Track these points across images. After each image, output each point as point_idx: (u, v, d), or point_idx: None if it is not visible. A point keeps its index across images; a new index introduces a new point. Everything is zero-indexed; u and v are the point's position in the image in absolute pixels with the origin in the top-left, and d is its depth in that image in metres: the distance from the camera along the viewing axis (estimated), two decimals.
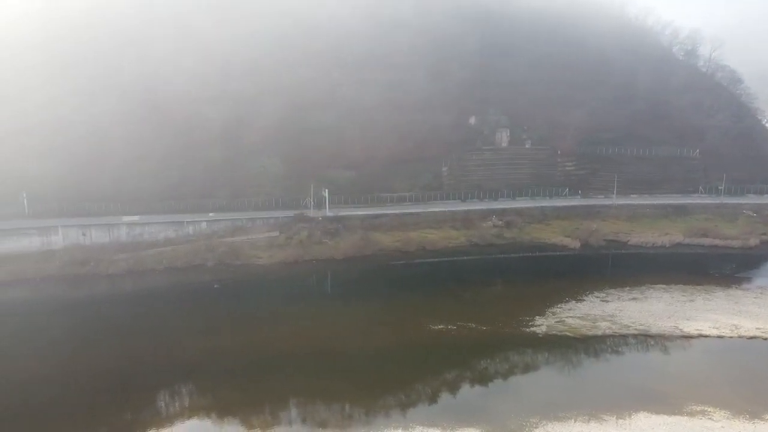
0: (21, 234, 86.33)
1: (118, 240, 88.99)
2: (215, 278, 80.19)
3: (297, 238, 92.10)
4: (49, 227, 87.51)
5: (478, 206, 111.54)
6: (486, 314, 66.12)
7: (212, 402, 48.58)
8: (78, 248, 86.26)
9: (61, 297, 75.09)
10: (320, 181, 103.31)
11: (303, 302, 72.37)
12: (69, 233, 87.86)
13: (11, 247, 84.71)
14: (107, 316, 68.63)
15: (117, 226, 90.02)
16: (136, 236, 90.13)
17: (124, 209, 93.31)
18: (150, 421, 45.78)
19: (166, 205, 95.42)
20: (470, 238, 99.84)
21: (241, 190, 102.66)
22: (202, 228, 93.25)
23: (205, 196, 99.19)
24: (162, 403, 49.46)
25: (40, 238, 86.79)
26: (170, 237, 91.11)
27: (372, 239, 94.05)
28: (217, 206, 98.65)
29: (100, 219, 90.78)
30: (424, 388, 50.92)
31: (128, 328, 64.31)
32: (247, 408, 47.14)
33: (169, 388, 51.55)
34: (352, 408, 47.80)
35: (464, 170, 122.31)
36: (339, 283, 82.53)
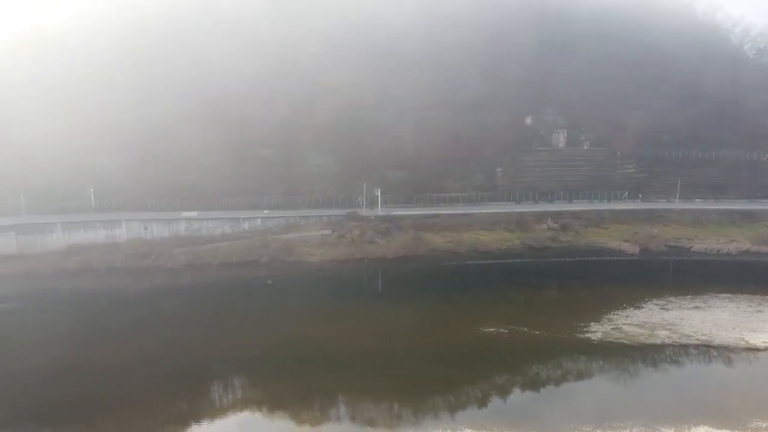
0: (88, 227, 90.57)
1: (177, 234, 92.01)
2: (269, 274, 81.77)
3: (349, 236, 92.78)
4: (113, 221, 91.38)
5: (533, 208, 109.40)
6: (539, 318, 64.77)
7: (263, 395, 49.55)
8: (140, 242, 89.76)
9: (124, 288, 78.43)
10: (373, 180, 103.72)
11: (354, 300, 72.88)
12: (132, 227, 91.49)
13: (80, 239, 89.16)
14: (166, 307, 71.09)
15: (176, 221, 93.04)
16: (194, 231, 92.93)
17: (183, 205, 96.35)
18: (204, 411, 47.16)
19: (223, 202, 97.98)
20: (524, 240, 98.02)
21: (295, 188, 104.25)
22: (256, 225, 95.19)
23: (260, 193, 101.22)
24: (216, 395, 50.85)
25: (106, 231, 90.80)
26: (226, 233, 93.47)
27: (423, 239, 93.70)
28: (271, 204, 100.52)
29: (160, 214, 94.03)
30: (474, 391, 50.34)
31: (185, 320, 66.54)
32: (297, 403, 47.82)
33: (223, 380, 52.96)
34: (401, 408, 47.76)
35: (519, 171, 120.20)
36: (390, 283, 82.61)
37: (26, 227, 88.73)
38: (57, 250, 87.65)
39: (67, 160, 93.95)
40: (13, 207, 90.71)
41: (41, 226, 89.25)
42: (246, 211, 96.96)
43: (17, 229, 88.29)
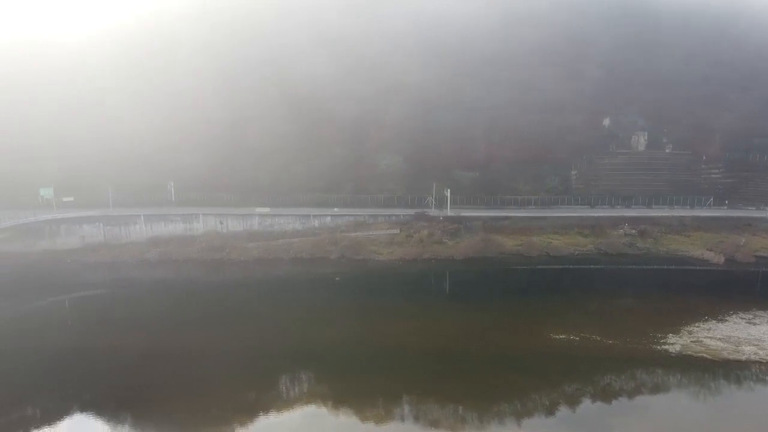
0: (168, 220, 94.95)
1: (250, 229, 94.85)
2: (337, 271, 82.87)
3: (417, 236, 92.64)
4: (191, 215, 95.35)
5: (609, 213, 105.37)
6: (612, 327, 62.25)
7: (329, 391, 50.12)
8: (215, 235, 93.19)
9: (200, 279, 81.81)
10: (442, 180, 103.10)
11: (420, 300, 72.64)
12: (208, 221, 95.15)
13: (160, 231, 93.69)
14: (239, 299, 73.46)
15: (250, 217, 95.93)
16: (266, 227, 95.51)
17: (256, 201, 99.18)
18: (271, 402, 48.27)
19: (294, 199, 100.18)
20: (599, 246, 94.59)
21: (364, 187, 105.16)
22: (326, 222, 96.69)
23: (329, 191, 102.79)
24: (283, 387, 51.91)
25: (184, 225, 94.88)
26: (297, 229, 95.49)
27: (493, 241, 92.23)
28: (340, 202, 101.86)
29: (235, 209, 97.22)
30: (541, 398, 48.96)
31: (256, 313, 68.52)
32: (362, 400, 48.09)
33: (290, 373, 53.99)
34: (466, 411, 47.11)
35: (595, 174, 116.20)
36: (457, 284, 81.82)
37: (112, 219, 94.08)
38: (139, 241, 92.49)
39: (150, 157, 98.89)
40: (101, 200, 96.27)
41: (126, 218, 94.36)
42: (316, 209, 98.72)
43: (104, 220, 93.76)
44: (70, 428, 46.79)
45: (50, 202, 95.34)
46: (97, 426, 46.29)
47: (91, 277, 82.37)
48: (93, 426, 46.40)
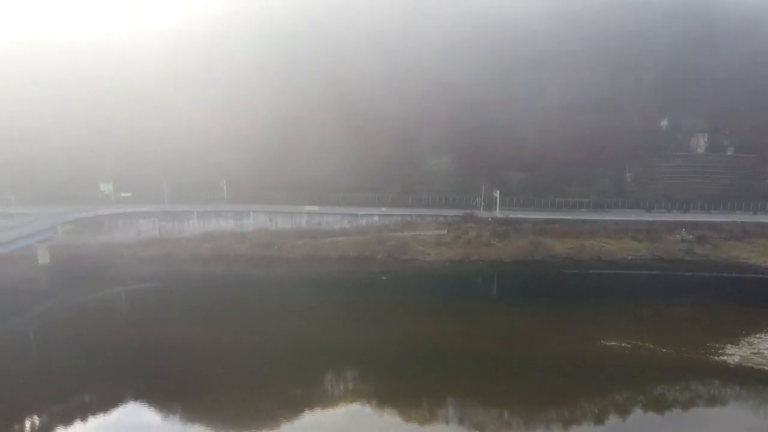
0: (220, 217, 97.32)
1: (299, 227, 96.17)
2: (383, 270, 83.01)
3: (465, 237, 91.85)
4: (242, 212, 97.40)
5: (665, 217, 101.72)
6: (666, 336, 60.06)
7: (373, 389, 50.21)
8: (265, 232, 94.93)
9: (250, 275, 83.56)
10: (491, 181, 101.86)
11: (467, 301, 71.95)
12: (258, 218, 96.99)
13: (212, 228, 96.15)
14: (287, 296, 74.62)
15: (299, 215, 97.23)
16: (314, 225, 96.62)
17: (305, 199, 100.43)
18: (316, 399, 48.75)
19: (342, 198, 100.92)
20: (653, 251, 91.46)
21: (412, 187, 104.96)
22: (374, 221, 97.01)
23: (377, 190, 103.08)
24: (328, 384, 52.36)
25: (235, 221, 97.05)
26: (345, 228, 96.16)
27: (542, 244, 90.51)
28: (388, 201, 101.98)
29: (284, 207, 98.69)
30: (590, 406, 47.71)
31: (304, 309, 69.30)
32: (406, 400, 47.95)
33: (335, 370, 54.42)
34: (512, 415, 46.38)
35: (651, 177, 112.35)
36: (505, 286, 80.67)
37: (167, 214, 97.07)
38: (192, 237, 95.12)
39: (204, 155, 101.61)
40: (157, 196, 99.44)
41: (180, 214, 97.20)
42: (364, 208, 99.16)
43: (159, 215, 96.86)
44: (124, 415, 48.48)
45: (109, 197, 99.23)
46: (149, 414, 47.81)
47: (146, 271, 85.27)
48: (145, 414, 47.94)
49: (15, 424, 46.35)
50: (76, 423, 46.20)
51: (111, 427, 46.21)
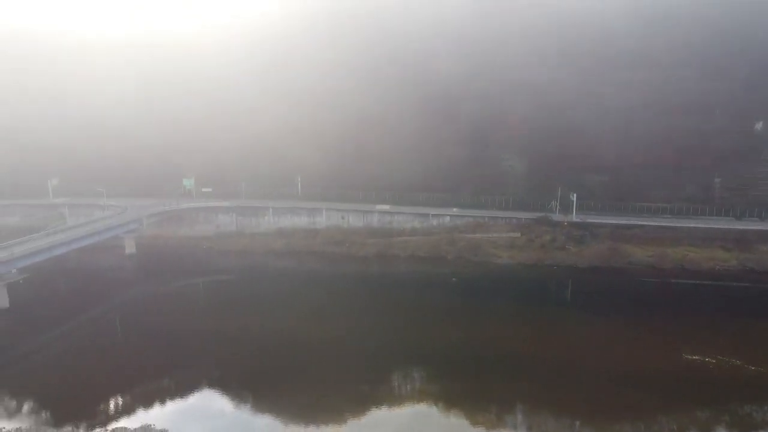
0: (294, 213, 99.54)
1: (370, 226, 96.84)
2: (454, 271, 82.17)
3: (539, 241, 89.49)
4: (315, 209, 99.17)
5: (758, 226, 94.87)
6: (756, 352, 56.04)
7: (441, 390, 49.78)
8: (337, 230, 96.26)
9: (321, 271, 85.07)
10: (568, 184, 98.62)
11: (539, 307, 70.03)
12: (331, 216, 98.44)
13: (286, 223, 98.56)
14: (357, 293, 75.28)
15: (370, 214, 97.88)
16: (385, 224, 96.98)
17: (377, 198, 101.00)
18: (383, 397, 48.85)
19: (414, 198, 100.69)
20: (744, 262, 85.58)
21: (485, 188, 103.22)
22: (445, 222, 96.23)
23: (449, 191, 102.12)
24: (395, 383, 52.39)
25: (308, 218, 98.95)
26: (416, 227, 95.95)
27: (621, 251, 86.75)
28: (459, 202, 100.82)
29: (356, 205, 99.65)
30: (669, 422, 45.22)
31: (373, 307, 69.83)
32: (474, 403, 47.24)
33: (403, 369, 54.38)
34: (583, 426, 44.71)
35: (743, 183, 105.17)
36: (580, 293, 77.82)
37: (244, 210, 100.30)
38: (267, 232, 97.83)
39: (280, 152, 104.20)
40: (235, 191, 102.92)
41: (256, 209, 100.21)
42: (435, 208, 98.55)
43: (237, 210, 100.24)
44: (200, 400, 50.42)
45: (191, 192, 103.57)
46: (223, 402, 49.44)
47: (223, 263, 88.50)
48: (219, 401, 49.63)
49: (100, 403, 49.17)
50: (156, 405, 48.44)
51: (187, 412, 48.10)
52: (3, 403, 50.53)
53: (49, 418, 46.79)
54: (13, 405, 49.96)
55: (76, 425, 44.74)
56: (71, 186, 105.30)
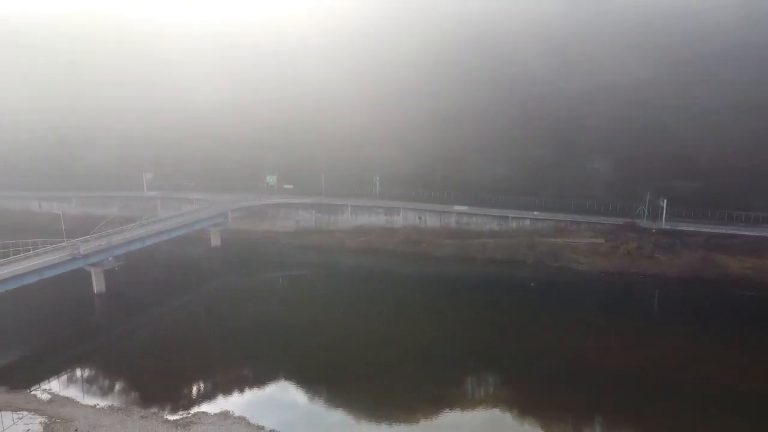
0: (372, 211, 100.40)
1: (447, 226, 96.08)
2: (532, 276, 79.99)
3: (624, 248, 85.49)
4: (392, 208, 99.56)
5: None
6: None
7: (515, 397, 48.72)
8: (414, 230, 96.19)
9: (397, 270, 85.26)
10: (658, 189, 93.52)
11: (622, 317, 66.67)
12: (408, 215, 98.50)
13: (364, 222, 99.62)
14: (432, 294, 74.75)
15: (448, 214, 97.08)
16: (463, 225, 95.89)
17: (454, 199, 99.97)
18: (455, 399, 48.40)
19: (492, 199, 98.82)
20: None
21: (567, 191, 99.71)
22: (525, 225, 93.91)
23: (529, 193, 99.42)
24: (468, 386, 51.71)
25: (386, 217, 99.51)
26: (494, 230, 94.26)
27: (715, 261, 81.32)
28: (540, 205, 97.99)
29: (433, 206, 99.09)
30: None
31: (447, 309, 69.26)
32: (549, 413, 45.75)
33: (476, 373, 53.62)
34: None
35: None
36: (667, 304, 73.60)
37: (323, 207, 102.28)
38: (345, 229, 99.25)
39: (359, 150, 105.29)
40: (315, 188, 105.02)
41: (335, 206, 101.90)
42: (514, 211, 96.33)
43: (316, 207, 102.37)
44: (276, 391, 51.88)
45: (273, 188, 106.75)
46: (298, 394, 50.58)
47: (302, 259, 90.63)
48: (294, 393, 50.82)
49: (184, 387, 51.56)
50: (234, 393, 50.22)
51: (263, 402, 49.55)
52: (98, 382, 54.15)
53: (137, 398, 49.56)
54: (106, 384, 53.40)
55: (161, 407, 47.06)
56: (164, 180, 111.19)
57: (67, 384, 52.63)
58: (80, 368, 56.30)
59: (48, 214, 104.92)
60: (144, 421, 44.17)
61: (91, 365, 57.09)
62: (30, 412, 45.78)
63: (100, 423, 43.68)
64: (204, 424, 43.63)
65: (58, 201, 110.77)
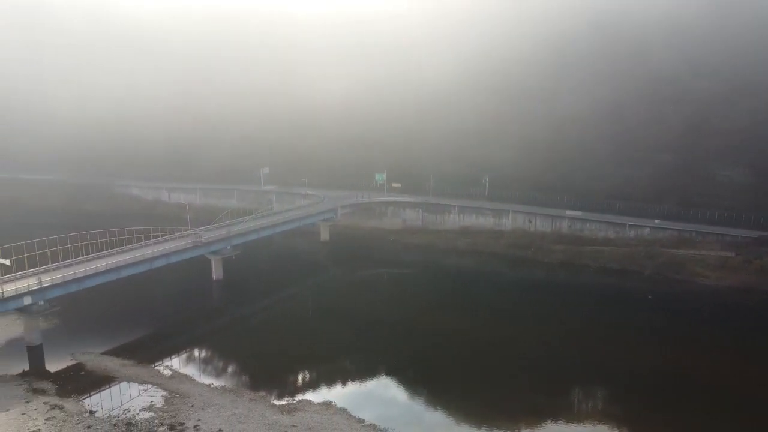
0: (479, 213, 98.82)
1: (558, 231, 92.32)
2: (650, 288, 74.74)
3: (758, 263, 77.57)
4: (501, 210, 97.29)
5: None
6: None
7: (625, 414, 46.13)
8: (522, 233, 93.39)
9: (503, 274, 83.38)
10: None
11: (750, 340, 60.35)
12: (517, 218, 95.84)
13: (471, 223, 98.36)
14: (539, 300, 72.19)
15: (559, 219, 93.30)
16: (576, 231, 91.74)
17: (567, 203, 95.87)
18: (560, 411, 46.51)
19: (609, 205, 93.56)
20: None
21: (693, 200, 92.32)
22: (644, 234, 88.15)
23: (649, 200, 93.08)
24: (574, 398, 49.58)
25: (493, 219, 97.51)
26: (609, 237, 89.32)
27: None
28: (662, 213, 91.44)
29: (544, 209, 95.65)
30: None
31: (555, 316, 66.47)
32: None
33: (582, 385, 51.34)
34: None
35: None
36: None
37: (430, 206, 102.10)
38: (451, 230, 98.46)
39: (469, 151, 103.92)
40: (422, 188, 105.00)
41: (441, 206, 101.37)
42: (632, 218, 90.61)
43: (424, 207, 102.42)
44: (377, 386, 52.55)
45: (381, 186, 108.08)
46: (398, 391, 50.87)
47: (407, 257, 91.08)
48: (394, 390, 51.18)
49: (290, 374, 53.60)
50: (337, 384, 51.44)
51: (364, 395, 50.37)
52: (212, 363, 57.74)
53: (247, 381, 52.23)
54: (219, 365, 56.80)
55: (269, 391, 49.17)
56: (279, 175, 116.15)
57: (186, 362, 56.49)
58: (198, 348, 60.27)
59: (176, 203, 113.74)
60: (252, 404, 46.32)
61: (208, 346, 60.95)
62: (154, 385, 49.63)
63: (213, 402, 46.35)
64: (308, 412, 44.96)
65: (185, 192, 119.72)
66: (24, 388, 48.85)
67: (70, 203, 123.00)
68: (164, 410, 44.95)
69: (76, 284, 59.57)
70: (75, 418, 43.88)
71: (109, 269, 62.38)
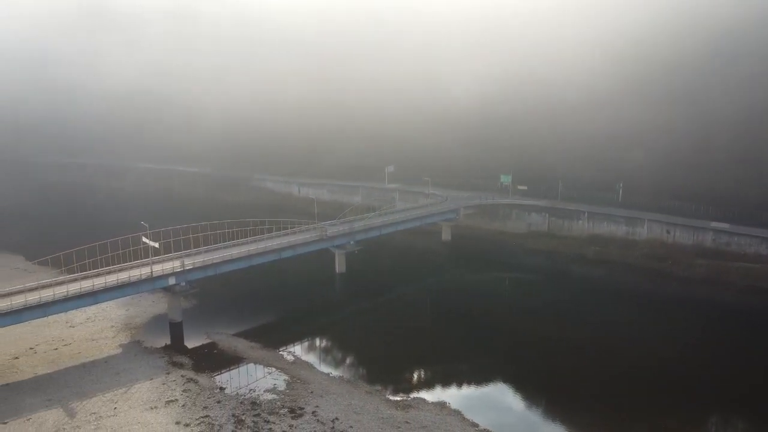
0: (611, 220, 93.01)
1: (701, 244, 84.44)
2: None
3: None
4: (635, 218, 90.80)
5: None
6: None
7: None
8: (659, 244, 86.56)
9: (636, 286, 77.50)
10: None
11: None
12: (653, 228, 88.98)
13: (601, 230, 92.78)
14: (675, 318, 66.63)
15: (703, 231, 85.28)
16: (721, 244, 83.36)
17: (711, 214, 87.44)
18: None
19: (762, 218, 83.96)
20: None
21: None
22: None
23: None
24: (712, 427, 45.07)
25: (626, 228, 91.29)
26: (761, 254, 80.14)
27: None
28: None
29: (685, 220, 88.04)
30: None
31: (687, 336, 60.88)
32: None
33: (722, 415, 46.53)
34: None
35: None
36: None
37: (557, 211, 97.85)
38: (579, 237, 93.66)
39: (600, 156, 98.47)
40: (550, 192, 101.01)
41: (569, 212, 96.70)
42: None
43: (550, 211, 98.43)
44: (493, 392, 51.50)
45: (507, 188, 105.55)
46: (514, 399, 49.44)
47: (531, 262, 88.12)
48: (510, 398, 49.80)
49: (406, 371, 53.93)
50: (452, 386, 51.04)
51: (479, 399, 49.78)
52: (332, 353, 59.82)
53: (364, 374, 53.40)
54: (339, 356, 58.71)
55: (384, 386, 49.89)
56: (403, 173, 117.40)
57: (308, 350, 59.06)
58: (319, 338, 62.74)
59: (305, 198, 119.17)
60: (368, 396, 47.25)
61: (329, 337, 63.19)
62: (277, 369, 52.40)
63: (331, 390, 47.90)
64: (421, 411, 45.03)
65: (314, 187, 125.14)
66: (165, 360, 53.77)
67: (211, 193, 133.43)
68: (286, 394, 47.23)
69: (213, 269, 64.52)
70: (207, 392, 47.46)
71: (241, 257, 66.81)
